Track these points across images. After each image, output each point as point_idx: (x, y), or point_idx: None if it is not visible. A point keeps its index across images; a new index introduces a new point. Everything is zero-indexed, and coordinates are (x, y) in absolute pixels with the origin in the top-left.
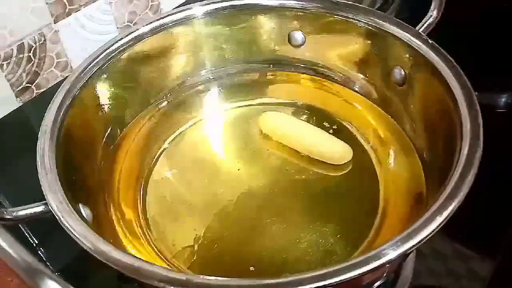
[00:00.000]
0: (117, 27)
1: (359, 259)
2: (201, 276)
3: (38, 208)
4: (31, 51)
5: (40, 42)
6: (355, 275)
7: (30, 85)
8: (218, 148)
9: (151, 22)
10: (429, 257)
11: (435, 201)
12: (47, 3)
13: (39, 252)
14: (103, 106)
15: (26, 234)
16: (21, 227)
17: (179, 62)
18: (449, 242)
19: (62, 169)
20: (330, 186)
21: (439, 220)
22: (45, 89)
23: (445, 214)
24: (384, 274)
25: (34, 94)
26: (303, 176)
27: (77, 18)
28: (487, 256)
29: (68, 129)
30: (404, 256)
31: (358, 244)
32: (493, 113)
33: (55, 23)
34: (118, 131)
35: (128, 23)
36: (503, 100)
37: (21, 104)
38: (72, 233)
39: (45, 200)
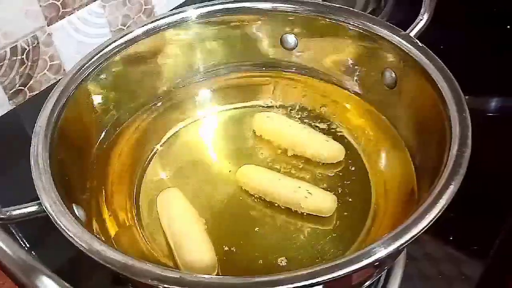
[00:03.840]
0: (111, 30)
1: (349, 257)
2: (194, 274)
3: (31, 208)
4: (25, 54)
5: (34, 45)
6: (345, 273)
7: (23, 87)
8: (212, 149)
9: (145, 25)
10: (421, 260)
11: (424, 201)
12: (41, 6)
13: (31, 255)
14: (96, 107)
15: (18, 238)
16: (13, 231)
17: (173, 64)
18: (440, 245)
19: (56, 169)
20: (323, 185)
21: (427, 220)
22: (38, 91)
23: (433, 214)
24: (375, 273)
25: (27, 96)
26: (296, 176)
27: (71, 21)
28: (478, 259)
29: (62, 130)
30: (394, 254)
31: (350, 243)
32: (484, 117)
33: (48, 26)
34: (112, 132)
35: (122, 26)
36: (493, 104)
37: (14, 106)
38: (66, 232)
39: (39, 200)
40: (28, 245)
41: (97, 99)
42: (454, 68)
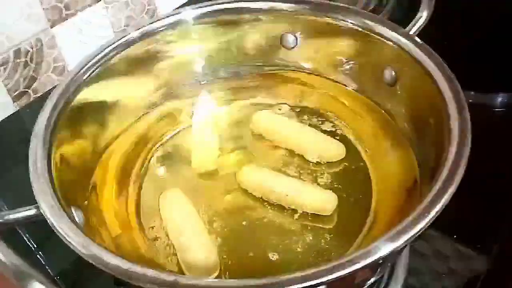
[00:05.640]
0: (114, 31)
1: (351, 256)
2: (190, 277)
3: (29, 212)
4: (28, 56)
5: (37, 47)
6: (347, 273)
7: (27, 89)
8: (211, 150)
9: (143, 27)
10: (429, 256)
11: (424, 198)
12: (43, 9)
13: (37, 256)
14: (95, 110)
15: (25, 238)
16: (19, 231)
17: (171, 65)
18: (445, 242)
19: (55, 172)
20: (323, 184)
21: (428, 218)
22: (42, 93)
23: (434, 212)
24: (377, 271)
25: (31, 98)
26: (296, 175)
27: (74, 22)
28: (487, 255)
29: (61, 133)
30: (395, 253)
31: (352, 242)
32: (490, 112)
33: (51, 28)
34: (111, 133)
35: (125, 27)
36: (500, 99)
37: (18, 108)
38: (63, 236)
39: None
40: (35, 245)
41: (96, 101)
42: (459, 64)
